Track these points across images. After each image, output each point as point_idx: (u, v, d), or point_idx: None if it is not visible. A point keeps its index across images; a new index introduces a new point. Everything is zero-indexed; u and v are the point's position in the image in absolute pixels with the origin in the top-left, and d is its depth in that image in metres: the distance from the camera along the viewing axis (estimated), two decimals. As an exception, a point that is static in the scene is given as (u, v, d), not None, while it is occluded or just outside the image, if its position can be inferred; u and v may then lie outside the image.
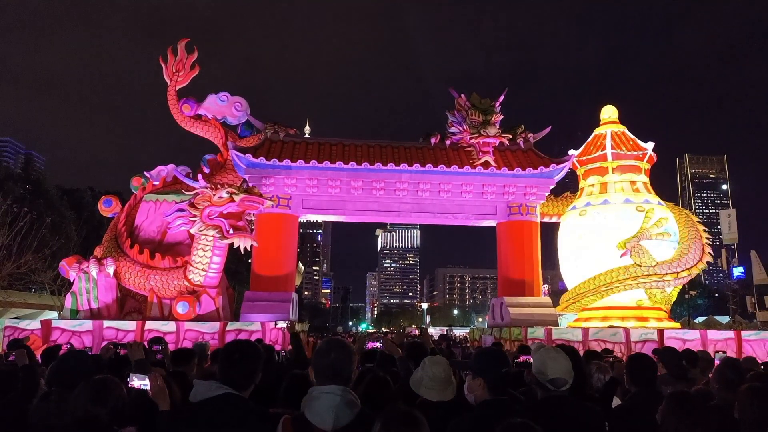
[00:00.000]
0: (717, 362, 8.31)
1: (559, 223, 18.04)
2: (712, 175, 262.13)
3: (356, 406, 2.99)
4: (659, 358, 5.77)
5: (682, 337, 14.40)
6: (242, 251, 14.80)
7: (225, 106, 17.53)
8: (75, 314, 14.40)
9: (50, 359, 6.75)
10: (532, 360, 4.06)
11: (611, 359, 7.87)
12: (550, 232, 18.80)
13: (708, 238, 17.09)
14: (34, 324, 13.81)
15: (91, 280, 14.51)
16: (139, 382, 3.93)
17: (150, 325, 13.61)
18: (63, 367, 4.34)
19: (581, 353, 6.92)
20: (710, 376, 5.88)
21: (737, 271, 49.36)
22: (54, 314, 18.55)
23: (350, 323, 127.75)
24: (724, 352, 10.53)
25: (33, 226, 24.24)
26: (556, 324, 16.03)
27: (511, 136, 17.68)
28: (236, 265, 37.72)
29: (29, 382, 5.26)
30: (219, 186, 13.96)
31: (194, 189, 14.03)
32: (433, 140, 17.95)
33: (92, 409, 3.21)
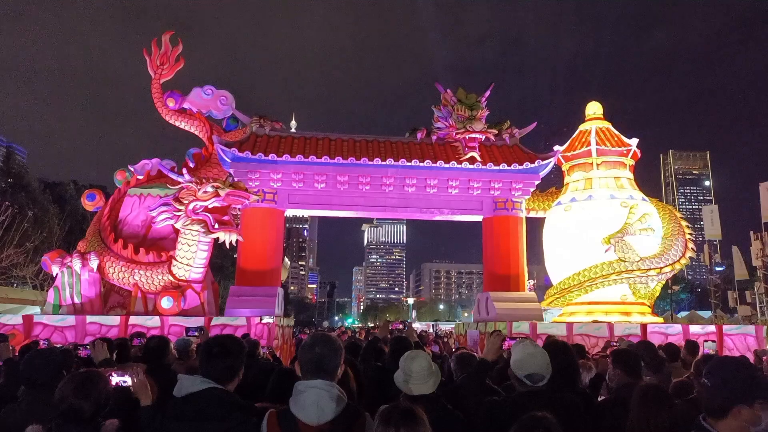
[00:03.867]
0: (704, 352, 8.45)
1: (545, 218, 18.14)
2: (695, 171, 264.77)
3: (342, 400, 2.99)
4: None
5: (665, 332, 14.58)
6: (228, 246, 14.69)
7: (210, 100, 17.43)
8: (57, 309, 14.24)
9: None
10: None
11: (597, 356, 7.95)
12: (535, 227, 18.89)
13: (691, 234, 17.25)
14: (16, 319, 13.64)
15: (74, 274, 14.34)
16: (119, 378, 3.91)
17: (134, 320, 13.49)
18: (29, 366, 4.26)
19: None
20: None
21: (720, 267, 50.06)
22: (36, 309, 18.33)
23: (336, 318, 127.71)
24: (714, 341, 10.72)
25: (15, 220, 24.02)
26: (541, 319, 16.13)
27: (497, 132, 17.73)
28: (222, 260, 37.61)
29: (11, 376, 5.21)
30: (204, 180, 13.82)
31: (179, 183, 13.90)
32: (419, 135, 17.95)
33: (75, 402, 3.21)
